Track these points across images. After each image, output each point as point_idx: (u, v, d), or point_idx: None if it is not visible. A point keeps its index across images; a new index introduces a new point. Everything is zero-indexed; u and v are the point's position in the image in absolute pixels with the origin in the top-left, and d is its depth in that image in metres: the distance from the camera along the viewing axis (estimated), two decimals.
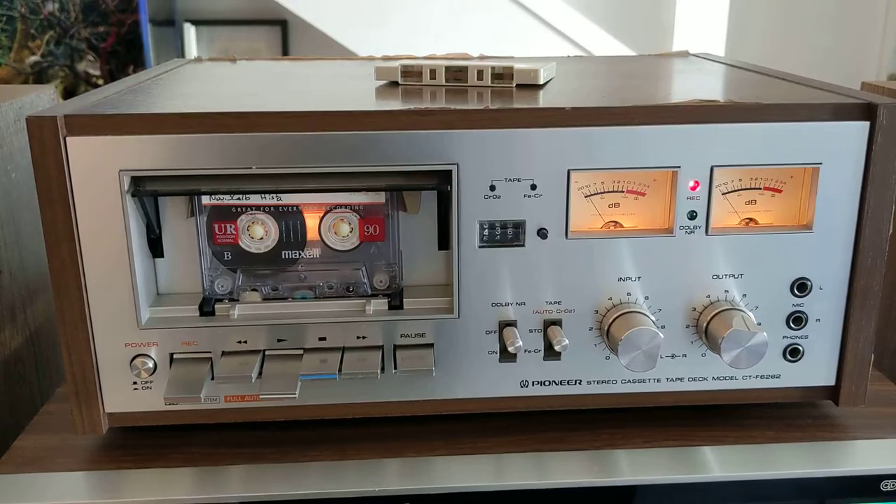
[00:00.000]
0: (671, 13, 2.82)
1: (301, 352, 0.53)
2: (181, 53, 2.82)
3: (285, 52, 2.86)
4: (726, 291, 0.54)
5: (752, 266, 0.53)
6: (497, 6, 2.57)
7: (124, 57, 2.60)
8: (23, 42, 2.54)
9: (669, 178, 0.52)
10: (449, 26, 2.54)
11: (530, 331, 0.54)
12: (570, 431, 0.56)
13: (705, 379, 0.56)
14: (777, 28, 2.92)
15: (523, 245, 0.52)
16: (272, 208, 0.53)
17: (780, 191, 0.54)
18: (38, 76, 2.57)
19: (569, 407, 0.56)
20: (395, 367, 0.53)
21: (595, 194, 0.53)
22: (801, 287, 0.54)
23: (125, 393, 0.53)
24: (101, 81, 2.58)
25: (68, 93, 2.54)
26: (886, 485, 0.52)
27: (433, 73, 0.60)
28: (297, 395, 0.51)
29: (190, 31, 2.88)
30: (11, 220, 0.70)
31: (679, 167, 0.51)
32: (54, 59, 2.54)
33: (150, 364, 0.52)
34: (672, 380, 0.55)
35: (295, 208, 0.53)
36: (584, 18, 2.63)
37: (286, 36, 2.90)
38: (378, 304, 0.54)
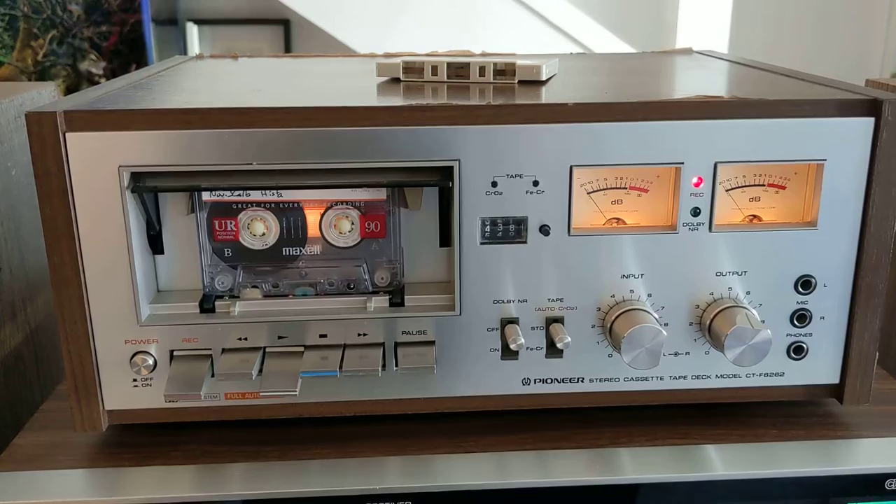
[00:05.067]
0: (674, 11, 2.82)
1: (302, 349, 0.53)
2: (184, 53, 2.81)
3: (288, 51, 2.86)
4: (730, 289, 0.53)
5: (755, 263, 0.53)
6: (500, 5, 2.57)
7: (127, 56, 2.60)
8: (25, 41, 2.54)
9: (672, 175, 0.52)
10: (452, 25, 2.54)
11: (532, 328, 0.53)
12: (573, 429, 0.55)
13: (708, 377, 0.55)
14: (780, 25, 2.92)
15: (525, 242, 0.52)
16: (273, 205, 0.53)
17: (784, 187, 0.53)
18: (41, 75, 2.57)
19: (571, 405, 0.55)
20: (397, 365, 0.53)
21: (598, 191, 0.52)
22: (805, 284, 0.54)
23: (125, 390, 0.53)
24: (103, 81, 2.58)
25: (70, 92, 2.54)
26: (891, 483, 0.52)
27: (435, 69, 0.60)
28: (297, 393, 0.51)
29: (192, 31, 2.88)
30: (12, 217, 0.69)
31: (682, 163, 0.51)
32: (56, 58, 2.55)
33: (150, 361, 0.52)
34: (675, 378, 0.55)
35: (296, 205, 0.53)
36: (588, 17, 2.63)
37: (289, 35, 2.90)
38: (379, 301, 0.53)
